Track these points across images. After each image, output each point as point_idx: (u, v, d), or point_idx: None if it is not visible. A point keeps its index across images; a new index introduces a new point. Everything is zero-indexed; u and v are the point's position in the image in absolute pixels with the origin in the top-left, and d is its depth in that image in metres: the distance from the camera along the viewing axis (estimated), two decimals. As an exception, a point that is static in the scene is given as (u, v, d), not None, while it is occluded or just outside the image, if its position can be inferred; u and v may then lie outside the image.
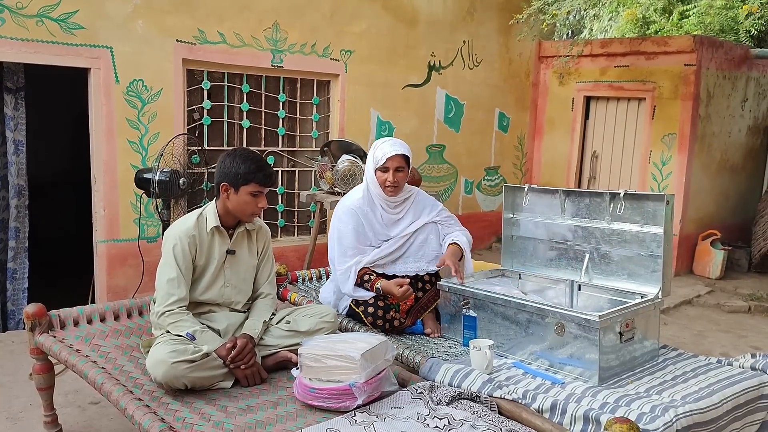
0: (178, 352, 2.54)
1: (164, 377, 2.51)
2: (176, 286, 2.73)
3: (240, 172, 2.75)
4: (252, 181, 2.76)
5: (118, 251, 4.99)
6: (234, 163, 2.77)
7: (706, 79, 6.79)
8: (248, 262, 2.99)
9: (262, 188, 2.80)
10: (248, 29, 5.42)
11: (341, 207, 3.37)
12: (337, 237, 3.31)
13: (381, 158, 3.25)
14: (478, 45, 7.17)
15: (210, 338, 2.70)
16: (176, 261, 2.74)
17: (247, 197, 2.78)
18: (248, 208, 2.81)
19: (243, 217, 2.87)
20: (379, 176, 3.29)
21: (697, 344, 5.04)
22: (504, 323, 3.03)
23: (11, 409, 3.43)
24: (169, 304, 2.70)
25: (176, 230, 2.80)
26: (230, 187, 2.78)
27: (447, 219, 3.50)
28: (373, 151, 3.32)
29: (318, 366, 2.48)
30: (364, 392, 2.41)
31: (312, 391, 2.47)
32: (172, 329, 2.69)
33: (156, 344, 2.67)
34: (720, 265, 6.98)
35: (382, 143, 3.31)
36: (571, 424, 2.39)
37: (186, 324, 2.70)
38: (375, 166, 3.28)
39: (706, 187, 7.18)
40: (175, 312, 2.70)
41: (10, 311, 4.78)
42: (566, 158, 7.78)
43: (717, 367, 2.90)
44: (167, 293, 2.72)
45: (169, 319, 2.69)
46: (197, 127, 5.38)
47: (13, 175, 4.65)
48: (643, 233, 3.14)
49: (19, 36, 4.37)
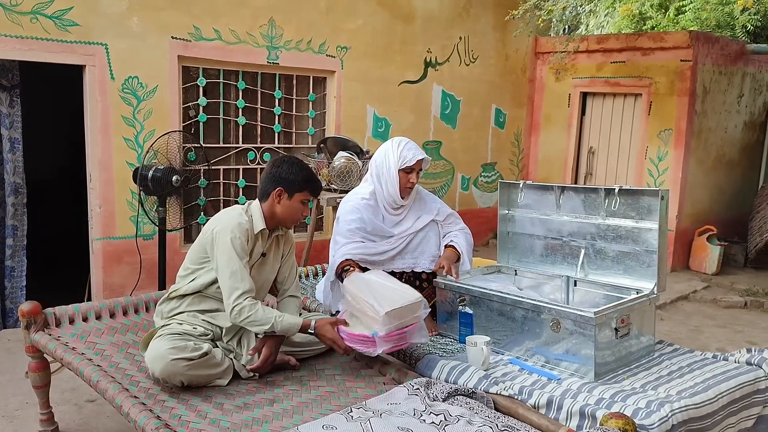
0: (178, 349, 2.55)
1: (162, 373, 2.52)
2: (240, 279, 2.70)
3: (297, 179, 2.82)
4: (306, 189, 2.85)
5: (114, 249, 4.98)
6: (291, 171, 2.83)
7: (703, 75, 6.79)
8: (272, 267, 2.99)
9: (311, 197, 2.90)
10: (244, 26, 5.41)
11: (348, 206, 3.34)
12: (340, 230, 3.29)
13: (411, 159, 3.27)
14: (474, 41, 7.16)
15: (289, 325, 2.73)
16: (236, 253, 2.72)
17: (298, 204, 2.86)
18: (296, 214, 2.88)
19: (287, 223, 2.92)
20: (402, 176, 3.30)
21: (693, 339, 5.05)
22: (500, 320, 3.03)
23: (7, 407, 3.43)
24: (236, 299, 2.68)
25: (231, 224, 2.76)
26: (285, 193, 2.82)
27: (448, 217, 3.51)
28: (396, 151, 3.30)
29: (353, 302, 2.79)
30: (385, 343, 2.66)
31: (343, 333, 2.76)
32: (247, 326, 2.71)
33: (157, 338, 2.68)
34: (716, 261, 6.99)
35: (407, 143, 3.33)
36: (567, 419, 2.40)
37: (258, 320, 2.68)
38: (400, 166, 3.28)
39: (702, 182, 7.19)
40: (244, 306, 2.67)
41: (8, 309, 4.77)
42: (563, 154, 7.78)
43: (713, 362, 2.90)
44: (232, 287, 2.69)
45: (240, 316, 2.68)
46: (193, 124, 5.37)
47: (9, 173, 4.63)
48: (638, 228, 3.14)
49: (13, 33, 4.36)
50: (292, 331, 2.75)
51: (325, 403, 2.53)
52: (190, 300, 2.84)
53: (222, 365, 2.68)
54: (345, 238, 3.26)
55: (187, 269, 2.87)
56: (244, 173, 5.71)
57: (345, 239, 3.26)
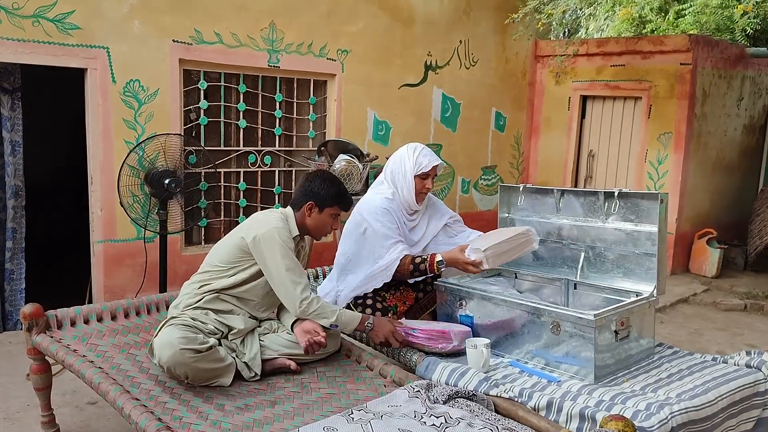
0: (188, 340, 2.60)
1: (169, 361, 2.55)
2: (299, 274, 2.84)
3: (329, 195, 2.96)
4: (336, 204, 2.99)
5: (115, 251, 4.99)
6: (323, 186, 2.97)
7: (702, 78, 6.81)
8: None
9: (341, 211, 3.00)
10: (245, 29, 5.42)
11: (374, 207, 3.30)
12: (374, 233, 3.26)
13: (426, 165, 3.32)
14: (474, 44, 7.18)
15: (349, 320, 2.89)
16: (290, 251, 2.85)
17: (328, 218, 2.99)
18: (326, 228, 3.01)
19: (317, 235, 3.03)
20: (418, 182, 3.34)
21: (693, 342, 5.06)
22: (500, 322, 3.04)
23: (9, 410, 3.44)
24: (302, 291, 2.81)
25: (276, 225, 2.87)
26: (315, 207, 2.96)
27: (456, 222, 3.62)
28: (413, 157, 3.33)
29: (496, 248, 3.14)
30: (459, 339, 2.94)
31: (414, 332, 2.94)
32: (315, 318, 2.82)
33: (168, 326, 2.72)
34: (716, 264, 7.00)
35: (423, 149, 3.37)
36: (567, 421, 2.41)
37: (324, 312, 2.83)
38: (416, 172, 3.31)
39: (701, 185, 7.20)
40: (310, 300, 2.81)
41: (7, 312, 4.77)
42: (563, 157, 7.80)
43: (712, 365, 2.91)
44: (294, 282, 2.81)
45: (309, 309, 2.81)
46: (194, 127, 5.38)
47: (10, 176, 4.64)
48: (637, 232, 3.16)
49: (15, 36, 4.37)
50: (352, 325, 2.89)
51: (325, 404, 2.54)
52: (209, 298, 2.87)
53: (225, 361, 2.71)
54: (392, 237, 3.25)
55: (216, 266, 2.91)
56: (245, 176, 5.73)
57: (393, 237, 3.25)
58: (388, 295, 3.36)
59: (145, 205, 4.81)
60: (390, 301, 3.32)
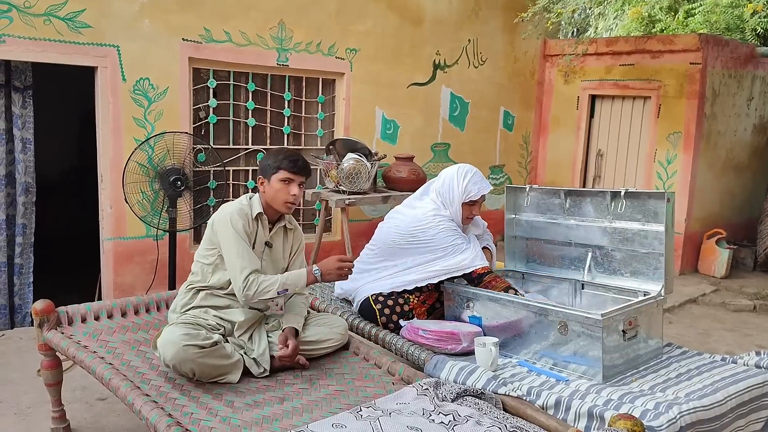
0: (191, 336, 2.61)
1: (173, 359, 2.57)
2: (248, 258, 2.79)
3: (270, 163, 2.90)
4: (281, 168, 2.87)
5: (124, 249, 5.02)
6: (267, 158, 2.95)
7: (712, 78, 6.78)
8: (281, 259, 3.05)
9: (291, 175, 2.87)
10: (254, 28, 5.44)
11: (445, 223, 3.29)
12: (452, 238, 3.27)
13: (476, 194, 3.32)
14: (483, 43, 7.17)
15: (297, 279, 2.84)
16: (239, 235, 2.81)
17: (278, 185, 2.88)
18: (280, 195, 2.89)
19: (279, 207, 2.93)
20: (466, 209, 3.35)
21: (701, 343, 5.04)
22: (508, 323, 3.04)
23: (20, 405, 3.46)
24: (246, 276, 2.76)
25: (230, 209, 2.87)
26: (264, 179, 2.91)
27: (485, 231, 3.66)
28: (462, 184, 3.32)
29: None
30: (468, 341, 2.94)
31: (423, 333, 2.97)
32: (261, 297, 2.78)
33: (169, 325, 2.74)
34: (725, 264, 6.97)
35: (472, 176, 3.34)
36: (575, 420, 2.41)
37: (266, 287, 2.77)
38: (464, 199, 3.31)
39: (711, 185, 7.17)
40: (252, 281, 2.76)
41: (17, 306, 4.82)
42: (571, 157, 7.78)
43: (721, 365, 2.91)
44: (240, 267, 2.77)
45: (250, 291, 2.76)
46: (203, 126, 5.41)
47: (21, 173, 4.68)
48: (645, 231, 3.15)
49: (26, 35, 4.40)
50: (301, 282, 2.84)
51: (334, 401, 2.56)
52: (203, 296, 2.90)
53: (232, 358, 2.72)
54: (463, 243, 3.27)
55: (198, 264, 2.94)
56: (254, 174, 5.75)
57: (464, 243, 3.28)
58: (413, 296, 3.36)
59: (154, 203, 4.83)
60: (412, 303, 3.33)
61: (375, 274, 3.46)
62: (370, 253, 3.55)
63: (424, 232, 3.29)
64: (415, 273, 3.31)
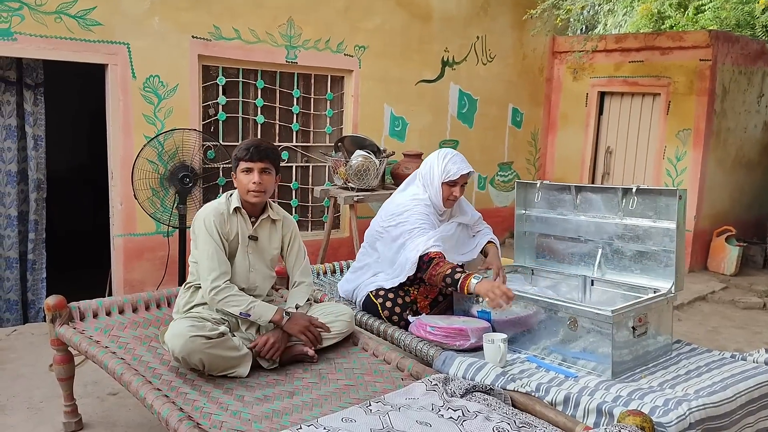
0: (197, 328, 2.63)
1: (181, 351, 2.58)
2: (217, 261, 2.82)
3: (234, 155, 2.93)
4: (240, 159, 2.89)
5: (134, 245, 5.05)
6: (233, 152, 2.96)
7: (722, 75, 6.75)
8: (270, 251, 3.06)
9: (249, 164, 2.88)
10: (263, 25, 5.46)
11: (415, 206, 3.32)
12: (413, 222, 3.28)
13: (455, 173, 3.32)
14: (491, 40, 7.16)
15: (263, 310, 2.83)
16: (211, 236, 2.85)
17: (241, 176, 2.91)
18: (244, 185, 2.91)
19: (245, 197, 2.95)
20: (446, 189, 3.35)
21: (711, 340, 5.03)
22: (517, 318, 3.04)
23: (32, 400, 3.50)
24: (213, 280, 2.80)
25: (205, 210, 2.93)
26: (234, 173, 2.95)
27: (477, 221, 3.67)
28: (441, 164, 3.34)
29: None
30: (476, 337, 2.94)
31: (431, 329, 2.96)
32: (223, 307, 2.81)
33: (175, 320, 2.78)
34: (735, 262, 6.94)
35: (453, 156, 3.37)
36: (584, 416, 2.41)
37: (235, 300, 2.80)
38: (444, 179, 3.33)
39: (721, 183, 7.14)
40: (221, 288, 2.80)
41: (29, 301, 4.86)
42: (580, 154, 7.76)
43: (731, 362, 2.90)
44: (208, 269, 2.82)
45: (218, 296, 2.79)
46: (212, 123, 5.43)
47: (32, 170, 4.72)
48: (655, 228, 3.14)
49: (38, 33, 4.43)
50: (267, 315, 2.83)
51: (344, 396, 2.57)
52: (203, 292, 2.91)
53: (240, 350, 2.73)
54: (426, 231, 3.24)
55: (193, 265, 2.99)
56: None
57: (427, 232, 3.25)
58: (413, 289, 3.38)
59: (165, 200, 4.86)
60: (413, 294, 3.35)
61: (371, 269, 3.50)
62: (363, 251, 3.60)
63: (401, 214, 3.34)
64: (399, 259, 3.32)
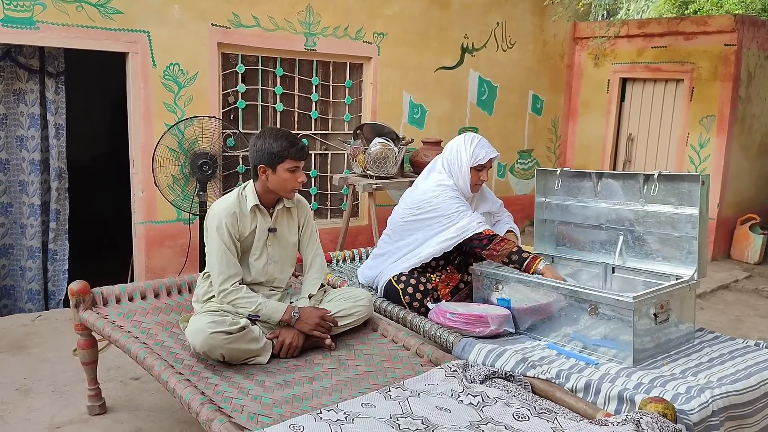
0: (217, 323, 2.63)
1: (202, 347, 2.60)
2: (225, 264, 2.82)
3: (274, 151, 2.79)
4: (287, 158, 2.80)
5: (156, 232, 5.10)
6: (267, 144, 2.81)
7: (747, 60, 6.62)
8: (289, 239, 3.05)
9: (297, 163, 2.84)
10: (282, 13, 5.45)
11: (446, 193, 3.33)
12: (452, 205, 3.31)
13: (484, 157, 3.35)
14: (511, 26, 7.09)
15: (273, 309, 2.81)
16: (221, 239, 2.82)
17: (285, 174, 2.83)
18: (288, 184, 2.86)
19: (284, 194, 2.92)
20: (474, 174, 3.37)
21: (734, 329, 4.97)
22: (537, 306, 3.03)
23: (57, 383, 3.55)
24: (222, 283, 2.81)
25: (217, 209, 2.88)
26: (267, 168, 2.83)
27: (500, 208, 3.72)
28: (469, 148, 3.36)
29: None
30: (496, 324, 2.95)
31: (451, 316, 2.96)
32: (233, 306, 2.80)
33: (196, 314, 2.78)
34: (759, 250, 6.84)
35: (479, 140, 3.39)
36: (605, 403, 2.40)
37: (244, 301, 2.80)
38: (472, 163, 3.34)
39: (745, 170, 7.03)
40: (230, 291, 2.80)
41: (50, 291, 4.92)
42: (601, 141, 7.68)
43: (755, 350, 2.87)
44: (218, 272, 2.82)
45: (227, 299, 2.80)
46: (232, 111, 5.45)
47: (54, 158, 4.77)
48: (677, 214, 3.10)
49: (59, 21, 4.47)
50: (277, 315, 2.81)
51: (363, 382, 2.58)
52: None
53: (260, 342, 2.74)
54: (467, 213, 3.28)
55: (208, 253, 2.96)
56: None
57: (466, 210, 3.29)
58: (434, 276, 3.38)
59: (185, 188, 4.89)
60: (434, 282, 3.35)
61: (393, 255, 3.49)
62: (386, 238, 3.60)
63: (429, 202, 3.34)
64: (428, 246, 3.33)
